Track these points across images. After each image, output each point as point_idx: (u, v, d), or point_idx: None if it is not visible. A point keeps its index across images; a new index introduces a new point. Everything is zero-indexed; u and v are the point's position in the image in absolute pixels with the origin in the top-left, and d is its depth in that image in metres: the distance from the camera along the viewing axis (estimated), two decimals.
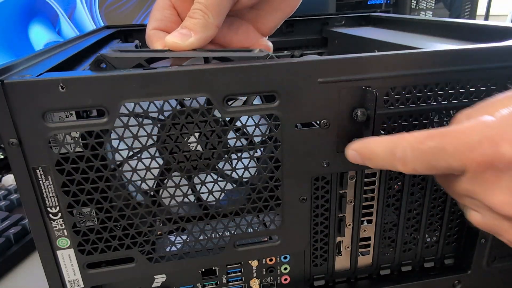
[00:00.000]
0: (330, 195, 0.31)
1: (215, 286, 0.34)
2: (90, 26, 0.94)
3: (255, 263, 0.33)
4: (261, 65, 0.26)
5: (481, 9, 1.10)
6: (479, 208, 0.23)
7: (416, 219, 0.34)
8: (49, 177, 0.26)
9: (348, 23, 0.61)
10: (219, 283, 0.33)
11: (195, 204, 0.29)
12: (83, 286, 0.29)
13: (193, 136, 0.27)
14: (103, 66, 0.25)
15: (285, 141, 0.28)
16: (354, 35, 0.51)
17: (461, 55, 0.28)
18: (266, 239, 0.32)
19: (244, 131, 0.27)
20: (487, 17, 1.20)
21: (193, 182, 0.28)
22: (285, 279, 0.34)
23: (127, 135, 0.25)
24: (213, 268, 0.33)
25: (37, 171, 0.25)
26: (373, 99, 0.26)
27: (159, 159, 0.27)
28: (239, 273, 0.33)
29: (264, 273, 0.34)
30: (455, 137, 0.22)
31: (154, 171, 0.27)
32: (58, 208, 0.26)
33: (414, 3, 1.05)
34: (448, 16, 1.07)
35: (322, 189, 0.31)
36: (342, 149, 0.29)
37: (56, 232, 0.27)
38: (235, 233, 0.30)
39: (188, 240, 0.30)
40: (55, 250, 0.28)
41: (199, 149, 0.27)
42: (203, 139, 0.27)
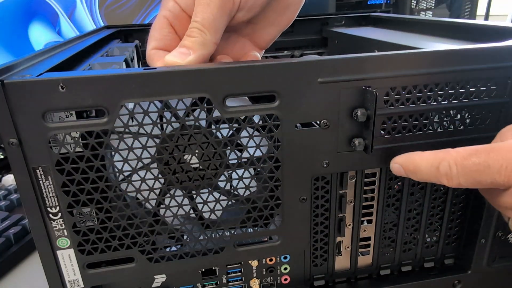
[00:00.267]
0: (330, 195, 0.31)
1: (215, 286, 0.34)
2: (90, 26, 0.94)
3: (255, 263, 0.33)
4: (261, 65, 0.26)
5: (481, 9, 1.10)
6: None
7: (416, 219, 0.34)
8: (49, 177, 0.26)
9: (348, 23, 0.61)
10: (219, 283, 0.33)
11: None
12: (83, 286, 0.29)
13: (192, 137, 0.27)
14: None
15: (285, 141, 0.28)
16: (354, 35, 0.51)
17: (461, 55, 0.28)
18: (266, 239, 0.32)
19: (244, 131, 0.27)
20: (487, 17, 1.20)
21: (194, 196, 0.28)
22: (285, 279, 0.34)
23: (127, 144, 0.25)
24: (213, 268, 0.33)
25: (37, 171, 0.25)
26: (373, 99, 0.26)
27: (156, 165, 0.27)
28: (239, 273, 0.33)
29: (264, 273, 0.34)
30: (501, 154, 0.23)
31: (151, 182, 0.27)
32: (58, 208, 0.26)
33: (414, 3, 1.05)
34: (448, 16, 1.07)
35: (322, 189, 0.31)
36: (342, 149, 0.29)
37: (56, 232, 0.27)
38: (235, 233, 0.30)
39: (188, 240, 0.30)
40: (55, 250, 0.28)
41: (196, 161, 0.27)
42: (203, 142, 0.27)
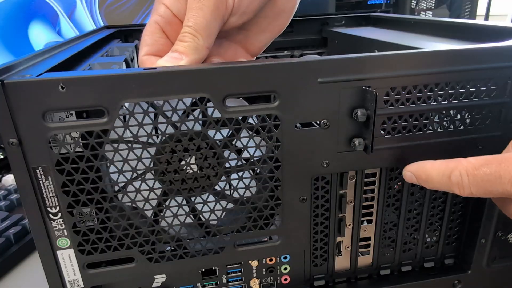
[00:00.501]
0: (330, 195, 0.31)
1: (215, 286, 0.34)
2: (90, 26, 0.94)
3: (255, 263, 0.33)
4: (261, 65, 0.26)
5: (481, 9, 1.10)
6: None
7: (416, 219, 0.34)
8: (49, 177, 0.26)
9: (348, 23, 0.61)
10: (219, 283, 0.33)
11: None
12: (83, 286, 0.29)
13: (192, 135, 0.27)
14: None
15: (285, 141, 0.28)
16: (354, 35, 0.51)
17: (461, 55, 0.28)
18: (266, 239, 0.32)
19: (244, 131, 0.27)
20: (487, 17, 1.20)
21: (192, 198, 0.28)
22: (285, 279, 0.34)
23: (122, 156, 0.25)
24: (213, 268, 0.33)
25: (37, 171, 0.25)
26: (373, 99, 0.26)
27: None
28: (239, 273, 0.33)
29: (264, 273, 0.34)
30: None
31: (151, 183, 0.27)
32: (58, 208, 0.26)
33: (414, 3, 1.05)
34: (448, 16, 1.07)
35: (322, 189, 0.31)
36: (342, 149, 0.29)
37: (56, 232, 0.27)
38: (235, 233, 0.30)
39: (188, 241, 0.30)
40: (55, 250, 0.28)
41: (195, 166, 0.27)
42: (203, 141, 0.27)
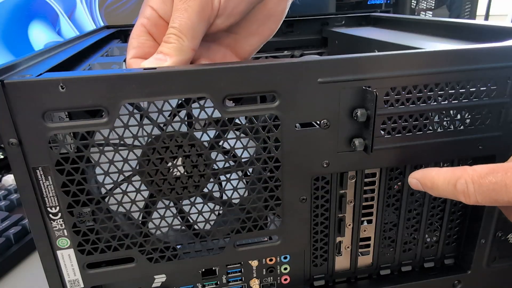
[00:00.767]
0: (330, 195, 0.31)
1: (215, 286, 0.34)
2: (90, 26, 0.94)
3: (255, 263, 0.33)
4: (261, 65, 0.26)
5: (481, 9, 1.10)
6: None
7: (416, 219, 0.34)
8: (49, 177, 0.26)
9: (348, 23, 0.61)
10: (219, 283, 0.33)
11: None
12: (83, 286, 0.29)
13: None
14: None
15: (285, 141, 0.28)
16: (354, 35, 0.51)
17: (461, 55, 0.28)
18: (266, 239, 0.32)
19: (244, 131, 0.27)
20: (487, 17, 1.20)
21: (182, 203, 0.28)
22: (285, 279, 0.34)
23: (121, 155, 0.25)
24: (213, 268, 0.33)
25: (37, 171, 0.25)
26: (373, 99, 0.26)
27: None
28: (239, 273, 0.33)
29: (264, 273, 0.34)
30: None
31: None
32: (58, 208, 0.26)
33: (414, 3, 1.05)
34: (448, 16, 1.07)
35: (322, 189, 0.31)
36: (342, 149, 0.29)
37: (56, 232, 0.27)
38: (235, 234, 0.30)
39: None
40: (55, 250, 0.28)
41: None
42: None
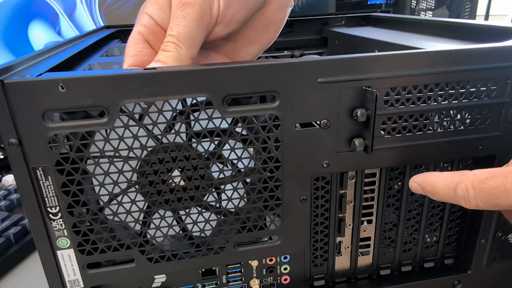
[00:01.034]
0: (330, 195, 0.31)
1: (215, 286, 0.34)
2: (90, 26, 0.94)
3: (255, 263, 0.33)
4: (261, 65, 0.25)
5: (481, 9, 1.10)
6: None
7: (416, 219, 0.34)
8: (49, 177, 0.25)
9: (348, 23, 0.61)
10: (219, 283, 0.33)
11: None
12: (83, 286, 0.29)
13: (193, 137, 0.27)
14: None
15: (285, 141, 0.28)
16: (354, 35, 0.51)
17: (461, 55, 0.28)
18: (266, 239, 0.32)
19: (244, 131, 0.27)
20: (487, 17, 1.20)
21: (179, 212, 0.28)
22: (285, 279, 0.34)
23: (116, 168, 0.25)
24: (213, 268, 0.33)
25: (37, 171, 0.25)
26: (373, 99, 0.26)
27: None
28: (239, 273, 0.33)
29: (264, 273, 0.34)
30: None
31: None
32: (58, 208, 0.26)
33: (414, 3, 1.05)
34: (448, 16, 1.07)
35: (322, 189, 0.31)
36: (342, 149, 0.29)
37: (56, 232, 0.27)
38: (235, 234, 0.30)
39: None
40: (55, 250, 0.28)
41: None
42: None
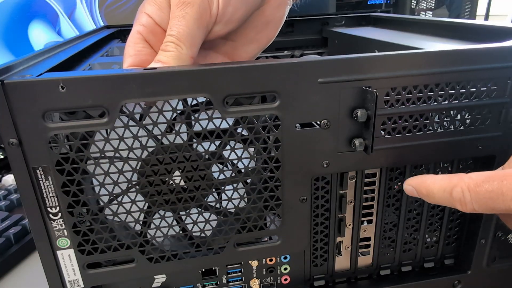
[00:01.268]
0: (330, 195, 0.31)
1: (215, 286, 0.34)
2: (90, 26, 0.94)
3: (255, 263, 0.33)
4: (262, 65, 0.26)
5: (481, 9, 1.10)
6: None
7: (416, 219, 0.34)
8: (49, 177, 0.25)
9: (348, 23, 0.61)
10: (219, 283, 0.33)
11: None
12: (83, 286, 0.29)
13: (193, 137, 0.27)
14: None
15: (285, 141, 0.28)
16: (354, 35, 0.51)
17: (461, 56, 0.28)
18: (266, 239, 0.32)
19: (244, 131, 0.27)
20: (487, 17, 1.20)
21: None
22: (285, 279, 0.34)
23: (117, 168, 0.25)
24: (213, 268, 0.33)
25: (37, 171, 0.25)
26: (373, 100, 0.26)
27: None
28: (239, 273, 0.33)
29: (264, 273, 0.34)
30: None
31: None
32: (58, 208, 0.26)
33: (414, 3, 1.05)
34: (447, 16, 1.07)
35: (322, 189, 0.31)
36: (342, 149, 0.29)
37: (56, 232, 0.27)
38: (235, 234, 0.30)
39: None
40: (55, 250, 0.28)
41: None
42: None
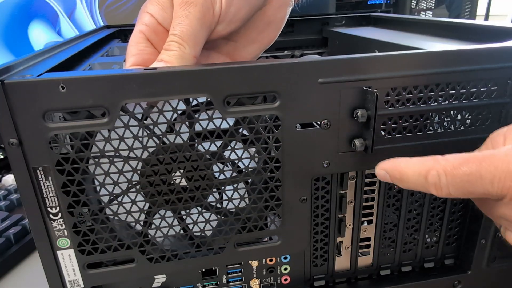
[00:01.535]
0: (330, 195, 0.31)
1: (215, 286, 0.34)
2: (90, 26, 0.94)
3: (255, 263, 0.33)
4: (262, 65, 0.25)
5: (481, 9, 1.10)
6: None
7: (416, 219, 0.34)
8: (49, 177, 0.25)
9: (348, 23, 0.61)
10: (219, 283, 0.33)
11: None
12: (83, 286, 0.29)
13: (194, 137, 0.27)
14: None
15: (286, 142, 0.28)
16: (354, 35, 0.51)
17: (461, 56, 0.28)
18: (266, 239, 0.32)
19: (245, 131, 0.27)
20: (487, 17, 1.20)
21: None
22: (285, 279, 0.34)
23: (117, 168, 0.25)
24: (213, 268, 0.33)
25: (37, 171, 0.25)
26: (373, 100, 0.26)
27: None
28: (239, 273, 0.33)
29: (264, 273, 0.34)
30: (493, 164, 0.21)
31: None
32: (58, 208, 0.26)
33: (414, 3, 1.05)
34: (447, 16, 1.07)
35: (322, 189, 0.31)
36: (342, 149, 0.29)
37: (56, 232, 0.27)
38: (236, 234, 0.30)
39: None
40: (55, 250, 0.28)
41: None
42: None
